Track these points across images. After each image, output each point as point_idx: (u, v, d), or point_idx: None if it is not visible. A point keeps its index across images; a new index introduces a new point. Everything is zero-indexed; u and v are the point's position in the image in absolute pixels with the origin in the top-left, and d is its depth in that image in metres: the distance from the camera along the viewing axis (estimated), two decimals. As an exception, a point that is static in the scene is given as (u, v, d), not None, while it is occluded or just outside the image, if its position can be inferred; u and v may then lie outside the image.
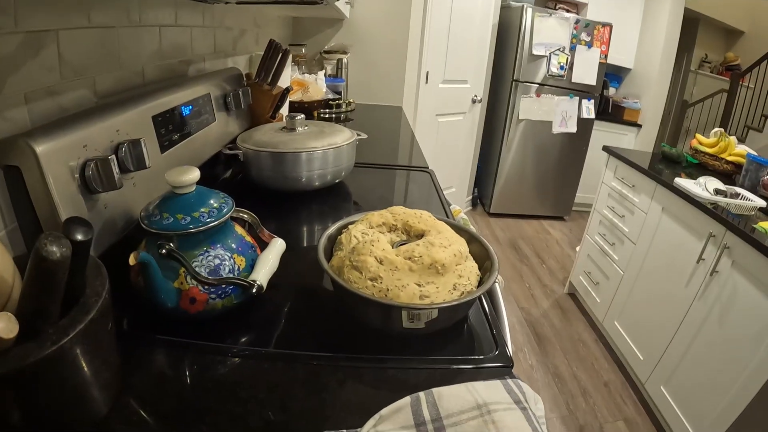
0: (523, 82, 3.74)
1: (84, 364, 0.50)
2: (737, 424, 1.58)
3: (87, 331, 0.48)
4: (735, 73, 5.14)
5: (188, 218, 0.70)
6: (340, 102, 2.34)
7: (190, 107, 1.12)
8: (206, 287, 0.70)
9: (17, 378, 0.44)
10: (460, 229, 0.90)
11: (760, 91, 4.80)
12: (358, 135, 1.35)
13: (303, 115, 1.29)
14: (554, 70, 3.73)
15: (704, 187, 2.02)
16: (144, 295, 0.68)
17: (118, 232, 0.81)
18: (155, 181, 0.89)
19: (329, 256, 0.84)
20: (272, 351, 0.71)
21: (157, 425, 0.56)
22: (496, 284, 0.95)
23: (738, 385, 1.60)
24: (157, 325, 0.72)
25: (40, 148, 0.63)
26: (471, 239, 0.88)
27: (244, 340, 0.73)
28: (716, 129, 2.45)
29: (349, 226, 0.87)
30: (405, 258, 0.75)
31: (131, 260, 0.62)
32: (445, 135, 3.66)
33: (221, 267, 0.72)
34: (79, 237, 0.49)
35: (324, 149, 1.22)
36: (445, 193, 1.41)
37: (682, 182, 2.07)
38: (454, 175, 3.99)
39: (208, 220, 0.71)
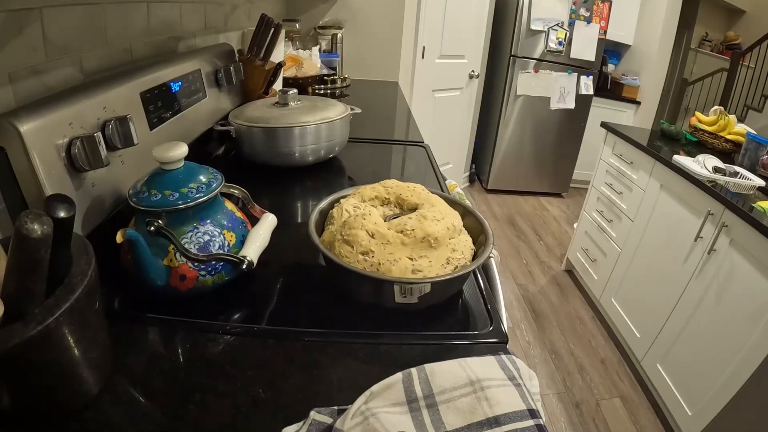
0: (521, 57, 3.69)
1: (71, 344, 0.49)
2: (733, 403, 1.59)
3: (73, 311, 0.47)
4: (735, 53, 5.08)
5: (176, 194, 0.69)
6: (335, 78, 2.31)
7: (180, 83, 1.10)
8: (196, 264, 0.69)
9: (3, 360, 0.43)
10: (454, 203, 0.89)
11: (760, 71, 4.75)
12: (352, 109, 1.33)
13: (296, 90, 1.27)
14: (552, 45, 3.68)
15: (703, 165, 2.00)
16: (133, 273, 0.68)
17: (107, 211, 0.80)
18: (145, 158, 0.87)
19: (321, 231, 0.83)
20: (264, 328, 0.71)
21: (147, 404, 0.56)
22: (491, 259, 0.94)
23: (734, 364, 1.61)
24: (148, 304, 0.72)
25: (25, 127, 0.62)
26: (465, 213, 0.87)
27: (235, 317, 0.73)
28: (716, 107, 2.42)
29: (341, 200, 0.86)
30: (397, 231, 0.74)
31: (118, 238, 0.61)
32: (442, 111, 3.63)
33: (211, 243, 0.72)
34: (62, 214, 0.48)
35: (317, 124, 1.20)
36: (442, 169, 1.40)
37: (681, 159, 2.06)
38: (452, 151, 3.96)
39: (197, 195, 0.70)
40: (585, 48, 3.74)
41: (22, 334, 0.43)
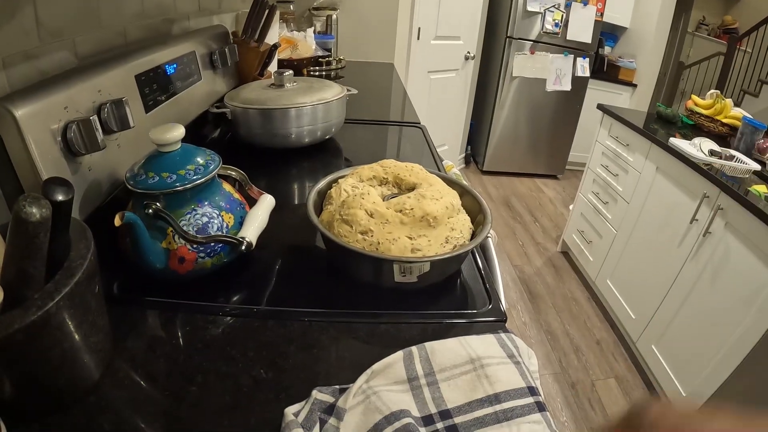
0: (517, 38, 3.67)
1: (72, 329, 0.49)
2: (727, 385, 1.61)
3: (73, 295, 0.47)
4: (732, 37, 5.06)
5: (174, 176, 0.69)
6: (330, 59, 2.30)
7: (175, 66, 1.09)
8: (195, 246, 0.69)
9: (4, 346, 0.43)
10: (452, 183, 0.89)
11: (757, 56, 4.73)
12: (348, 90, 1.33)
13: (291, 71, 1.26)
14: (549, 27, 3.66)
15: (699, 148, 2.01)
16: (132, 257, 0.67)
17: (104, 195, 0.80)
18: (141, 141, 0.87)
19: (319, 211, 0.83)
20: (263, 309, 0.71)
21: (148, 388, 0.56)
22: (489, 238, 0.95)
23: (728, 346, 1.62)
24: (147, 288, 0.72)
25: (20, 112, 0.61)
26: (463, 192, 0.87)
27: (235, 298, 0.73)
28: (712, 91, 2.42)
29: (339, 180, 0.86)
30: (396, 211, 0.74)
31: (116, 221, 0.61)
32: (437, 92, 3.62)
33: (209, 225, 0.71)
34: (60, 197, 0.47)
35: (313, 104, 1.20)
36: (438, 150, 1.40)
37: (677, 142, 2.06)
38: (447, 133, 3.95)
39: (195, 177, 0.70)
40: (581, 30, 3.71)
41: (23, 319, 0.43)
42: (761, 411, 0.30)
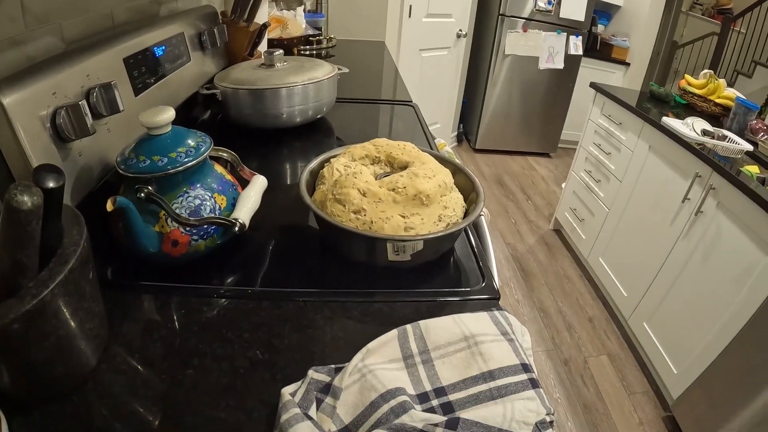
0: (509, 16, 3.63)
1: (67, 316, 0.49)
2: (718, 363, 1.63)
3: (67, 282, 0.47)
4: (727, 17, 5.01)
5: (165, 159, 0.68)
6: (321, 38, 2.27)
7: (164, 47, 1.08)
8: (188, 229, 0.69)
9: (0, 337, 0.43)
10: (444, 161, 0.89)
11: (751, 37, 4.70)
12: (339, 69, 1.32)
13: (281, 51, 1.25)
14: (542, 4, 3.62)
15: (692, 127, 2.00)
16: (125, 241, 0.67)
17: (96, 180, 0.79)
18: (131, 125, 0.87)
19: (312, 191, 0.83)
20: (258, 290, 0.71)
21: (145, 372, 0.56)
22: (482, 217, 0.95)
23: (720, 325, 1.64)
24: (141, 272, 0.72)
25: (7, 99, 0.60)
26: (456, 171, 0.88)
27: (229, 280, 0.73)
28: (705, 71, 2.41)
29: (332, 160, 0.85)
30: (388, 189, 0.74)
31: (108, 206, 0.61)
32: (429, 70, 3.59)
33: (202, 207, 0.71)
34: (51, 184, 0.47)
35: (304, 84, 1.19)
36: (430, 128, 1.40)
37: (670, 121, 2.06)
38: (439, 111, 3.94)
39: (186, 159, 0.70)
40: (575, 8, 3.68)
41: (18, 309, 0.43)
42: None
